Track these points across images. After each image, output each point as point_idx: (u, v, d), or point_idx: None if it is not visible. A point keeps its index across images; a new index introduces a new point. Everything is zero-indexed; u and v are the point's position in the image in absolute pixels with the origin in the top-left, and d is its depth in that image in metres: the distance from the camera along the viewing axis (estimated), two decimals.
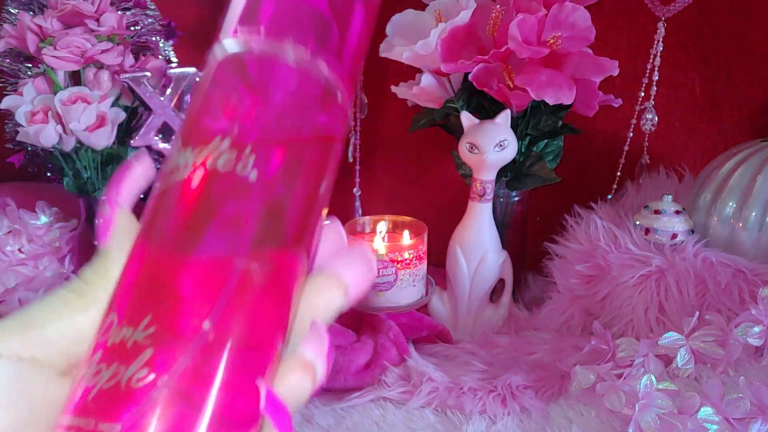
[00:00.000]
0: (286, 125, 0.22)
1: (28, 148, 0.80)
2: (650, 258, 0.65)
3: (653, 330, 0.64)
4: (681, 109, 0.83)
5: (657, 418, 0.49)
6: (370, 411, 0.58)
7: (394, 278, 0.67)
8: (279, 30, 0.23)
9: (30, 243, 0.82)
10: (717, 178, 0.69)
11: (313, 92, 0.23)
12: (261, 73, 0.23)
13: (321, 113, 0.23)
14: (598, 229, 0.70)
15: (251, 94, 0.22)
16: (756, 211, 0.66)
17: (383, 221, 0.73)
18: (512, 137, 0.69)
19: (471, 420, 0.56)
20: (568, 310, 0.72)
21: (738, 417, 0.49)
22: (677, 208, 0.68)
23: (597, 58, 0.68)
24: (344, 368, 0.61)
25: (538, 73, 0.66)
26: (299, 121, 0.23)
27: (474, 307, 0.76)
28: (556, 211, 0.78)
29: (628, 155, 0.86)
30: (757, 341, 0.55)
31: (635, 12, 0.81)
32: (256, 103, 0.22)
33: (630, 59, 0.82)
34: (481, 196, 0.72)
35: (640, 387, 0.51)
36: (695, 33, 0.80)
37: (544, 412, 0.56)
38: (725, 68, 0.79)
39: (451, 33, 0.68)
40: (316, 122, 0.23)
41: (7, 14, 0.78)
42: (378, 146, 1.00)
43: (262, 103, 0.22)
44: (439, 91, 0.77)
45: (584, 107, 0.73)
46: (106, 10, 0.74)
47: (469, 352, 0.68)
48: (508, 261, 0.76)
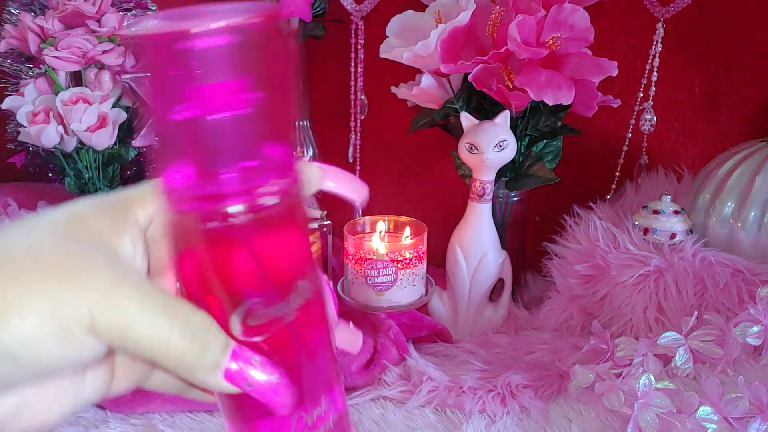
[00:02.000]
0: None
1: (30, 149, 0.80)
2: (649, 258, 0.65)
3: (652, 329, 0.64)
4: (680, 109, 0.83)
5: (656, 418, 0.50)
6: (370, 410, 0.58)
7: (394, 278, 0.68)
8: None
9: None
10: (716, 179, 0.69)
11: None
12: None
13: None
14: (597, 229, 0.70)
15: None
16: (755, 211, 0.66)
17: (383, 221, 0.73)
18: (511, 138, 0.69)
19: (470, 419, 0.56)
20: (567, 310, 0.72)
21: (737, 416, 0.49)
22: (676, 208, 0.69)
23: (596, 59, 0.68)
24: (344, 367, 0.61)
25: (537, 74, 0.66)
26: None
27: (473, 307, 0.76)
28: (555, 211, 0.78)
29: (627, 155, 0.86)
30: (755, 341, 0.55)
31: (634, 13, 0.81)
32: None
33: (629, 60, 0.82)
34: (480, 196, 0.72)
35: (639, 386, 0.51)
36: (694, 34, 0.80)
37: (543, 411, 0.56)
38: (724, 69, 0.79)
39: (451, 34, 0.68)
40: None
41: (8, 15, 0.78)
42: (378, 146, 1.00)
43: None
44: (438, 92, 0.78)
45: (583, 108, 0.73)
46: (107, 11, 0.74)
47: (468, 351, 0.68)
48: (507, 261, 0.76)
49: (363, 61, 0.94)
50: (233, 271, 0.24)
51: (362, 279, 0.68)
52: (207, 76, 0.22)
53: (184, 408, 0.58)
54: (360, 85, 0.95)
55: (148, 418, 0.58)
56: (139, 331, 0.22)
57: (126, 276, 0.23)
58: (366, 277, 0.68)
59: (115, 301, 0.22)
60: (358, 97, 0.95)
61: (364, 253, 0.68)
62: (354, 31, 0.93)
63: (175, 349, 0.23)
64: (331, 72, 1.00)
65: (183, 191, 0.23)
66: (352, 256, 0.69)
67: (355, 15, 0.92)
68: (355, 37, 0.93)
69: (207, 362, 0.23)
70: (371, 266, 0.67)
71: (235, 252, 0.24)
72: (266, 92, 0.23)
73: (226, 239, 0.24)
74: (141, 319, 0.22)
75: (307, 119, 0.96)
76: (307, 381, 0.26)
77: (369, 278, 0.68)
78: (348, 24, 0.93)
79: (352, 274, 0.69)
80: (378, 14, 0.91)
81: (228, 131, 0.22)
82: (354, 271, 0.69)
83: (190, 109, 0.22)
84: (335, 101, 1.01)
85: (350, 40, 0.93)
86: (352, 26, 0.93)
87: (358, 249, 0.68)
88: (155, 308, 0.23)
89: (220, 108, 0.22)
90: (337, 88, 0.99)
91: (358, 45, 0.93)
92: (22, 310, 0.22)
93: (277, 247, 0.25)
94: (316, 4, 0.88)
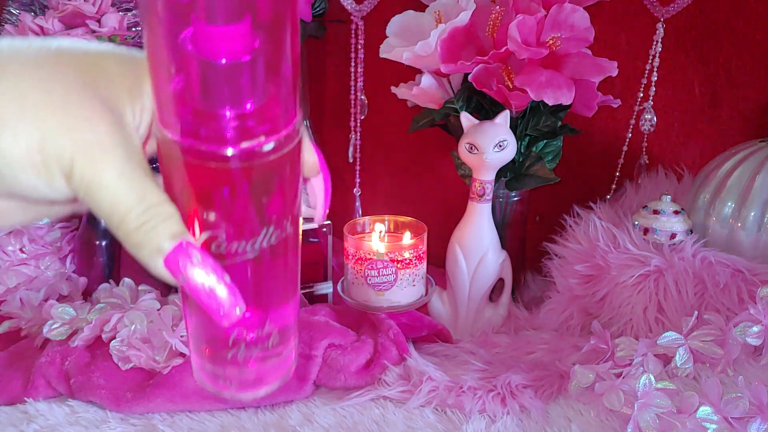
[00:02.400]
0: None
1: None
2: (649, 258, 0.65)
3: (652, 329, 0.64)
4: (680, 109, 0.83)
5: (656, 418, 0.50)
6: (370, 410, 0.58)
7: (394, 278, 0.68)
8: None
9: (31, 243, 0.82)
10: (716, 179, 0.69)
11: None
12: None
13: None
14: (597, 229, 0.70)
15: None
16: (755, 211, 0.66)
17: (383, 221, 0.73)
18: (511, 138, 0.69)
19: (470, 419, 0.56)
20: (568, 310, 0.72)
21: (737, 416, 0.49)
22: (676, 208, 0.69)
23: (596, 59, 0.68)
24: (344, 367, 0.61)
25: (537, 74, 0.66)
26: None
27: (473, 307, 0.76)
28: (555, 211, 0.78)
29: (627, 155, 0.86)
30: (755, 341, 0.55)
31: (634, 13, 0.81)
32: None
33: (629, 60, 0.82)
34: (480, 196, 0.72)
35: (639, 386, 0.51)
36: (694, 34, 0.80)
37: (543, 411, 0.56)
38: (724, 69, 0.79)
39: (451, 34, 0.68)
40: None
41: (8, 15, 0.78)
42: (378, 146, 1.00)
43: None
44: (438, 92, 0.78)
45: (583, 108, 0.73)
46: (107, 11, 0.74)
47: (468, 351, 0.68)
48: (507, 261, 0.76)
49: (363, 61, 0.94)
50: (208, 201, 0.25)
51: (362, 279, 0.68)
52: (211, 17, 0.22)
53: (184, 408, 0.58)
54: (360, 85, 0.95)
55: (148, 418, 0.58)
56: (106, 195, 0.23)
57: (119, 142, 0.24)
58: (366, 277, 0.68)
59: (98, 160, 0.23)
60: (358, 97, 0.95)
61: (364, 253, 0.68)
62: (354, 31, 0.93)
63: (129, 225, 0.24)
64: (331, 72, 1.00)
65: (179, 122, 0.24)
66: (352, 256, 0.69)
67: (355, 15, 0.92)
68: (355, 37, 0.93)
69: (152, 245, 0.24)
70: (371, 266, 0.67)
71: (215, 186, 0.25)
72: (267, 39, 0.23)
73: (211, 174, 0.24)
74: (111, 187, 0.23)
75: (307, 119, 0.96)
76: (255, 305, 0.27)
77: (369, 278, 0.68)
78: (348, 24, 0.93)
79: (352, 274, 0.69)
80: (378, 14, 0.91)
81: (229, 75, 0.23)
82: (354, 271, 0.69)
83: (191, 44, 0.22)
84: (335, 101, 1.01)
85: (350, 40, 0.93)
86: (352, 26, 0.93)
87: (358, 249, 0.68)
88: (129, 183, 0.24)
89: (220, 52, 0.22)
90: (337, 88, 0.99)
91: (358, 45, 0.93)
92: (17, 131, 0.23)
93: (259, 192, 0.25)
94: (316, 4, 0.88)
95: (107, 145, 0.24)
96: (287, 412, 0.58)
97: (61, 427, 0.56)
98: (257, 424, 0.57)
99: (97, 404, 0.59)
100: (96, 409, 0.59)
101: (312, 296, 0.81)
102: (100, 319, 0.64)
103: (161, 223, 0.24)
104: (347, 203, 1.00)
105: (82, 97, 0.24)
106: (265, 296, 0.28)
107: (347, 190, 1.00)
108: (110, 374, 0.60)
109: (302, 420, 0.57)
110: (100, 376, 0.60)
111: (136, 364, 0.61)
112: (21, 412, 0.58)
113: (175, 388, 0.58)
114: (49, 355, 0.62)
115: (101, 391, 0.58)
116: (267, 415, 0.58)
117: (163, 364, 0.60)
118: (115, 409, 0.58)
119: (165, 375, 0.59)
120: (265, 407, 0.59)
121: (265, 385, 0.30)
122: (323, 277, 0.81)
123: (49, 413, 0.58)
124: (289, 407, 0.59)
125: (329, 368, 0.62)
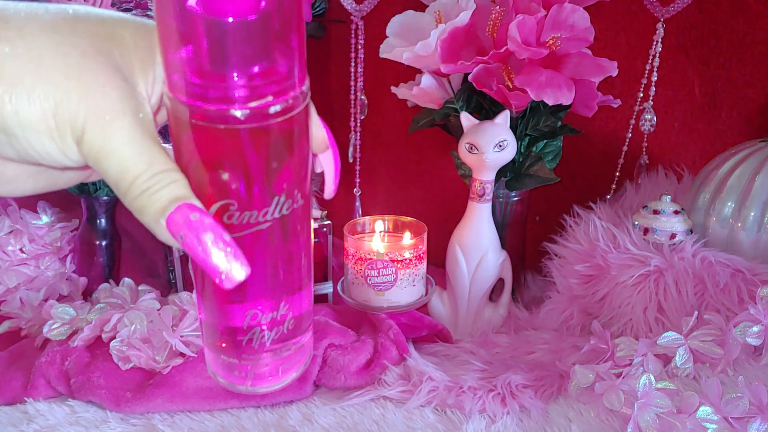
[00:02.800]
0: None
1: None
2: (649, 258, 0.65)
3: (652, 329, 0.64)
4: (680, 109, 0.83)
5: (656, 418, 0.50)
6: (370, 410, 0.58)
7: (394, 278, 0.68)
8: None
9: (31, 243, 0.82)
10: (716, 178, 0.69)
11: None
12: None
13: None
14: (597, 229, 0.70)
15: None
16: (755, 211, 0.66)
17: (383, 221, 0.73)
18: (511, 138, 0.69)
19: (470, 419, 0.56)
20: (568, 310, 0.72)
21: (737, 416, 0.49)
22: (676, 208, 0.69)
23: (596, 59, 0.68)
24: (344, 367, 0.61)
25: (537, 74, 0.66)
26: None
27: (473, 307, 0.76)
28: (555, 211, 0.78)
29: (627, 155, 0.86)
30: (755, 341, 0.55)
31: (634, 13, 0.81)
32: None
33: (629, 60, 0.82)
34: (480, 196, 0.72)
35: (639, 386, 0.51)
36: (694, 34, 0.80)
37: (543, 411, 0.56)
38: (724, 69, 0.79)
39: (451, 34, 0.68)
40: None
41: None
42: (378, 146, 1.00)
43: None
44: (438, 92, 0.78)
45: (583, 108, 0.73)
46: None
47: (468, 351, 0.68)
48: (507, 261, 0.76)
49: (363, 61, 0.94)
50: (219, 169, 0.25)
51: (362, 279, 0.68)
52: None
53: (184, 408, 0.58)
54: (360, 85, 0.95)
55: (148, 418, 0.58)
56: (114, 162, 0.24)
57: (129, 110, 0.24)
58: (366, 277, 0.68)
59: (107, 126, 0.24)
60: (358, 97, 0.95)
61: (364, 253, 0.68)
62: (354, 31, 0.93)
63: (135, 191, 0.24)
64: (331, 72, 1.00)
65: (188, 84, 0.24)
66: (352, 256, 0.69)
67: (355, 15, 0.92)
68: (355, 37, 0.93)
69: (155, 207, 0.24)
70: (371, 266, 0.67)
71: (224, 152, 0.25)
72: (274, 1, 0.23)
73: (220, 139, 0.25)
74: (120, 153, 0.24)
75: None
76: (268, 286, 0.27)
77: (369, 278, 0.68)
78: (348, 24, 0.93)
79: (352, 274, 0.69)
80: (378, 14, 0.91)
81: (236, 34, 0.23)
82: (354, 271, 0.69)
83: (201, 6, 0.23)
84: (335, 101, 1.01)
85: (350, 40, 0.93)
86: (352, 26, 0.93)
87: (358, 249, 0.68)
88: (138, 149, 0.24)
89: (227, 10, 0.23)
90: (337, 88, 0.99)
91: (358, 45, 0.93)
92: (33, 94, 0.23)
93: (268, 158, 0.26)
94: (316, 4, 0.88)
95: (118, 112, 0.24)
96: (287, 412, 0.58)
97: (61, 427, 0.56)
98: (257, 424, 0.57)
99: (97, 404, 0.59)
100: (96, 409, 0.59)
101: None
102: (100, 319, 0.64)
103: (165, 187, 0.24)
104: (347, 203, 1.00)
105: (98, 63, 0.24)
106: (278, 273, 0.28)
107: (347, 190, 1.00)
108: (110, 374, 0.60)
109: (302, 420, 0.57)
110: (100, 376, 0.60)
111: (136, 364, 0.61)
112: (21, 412, 0.58)
113: (175, 388, 0.58)
114: (49, 355, 0.62)
115: (101, 391, 0.58)
116: (267, 415, 0.58)
117: (163, 364, 0.60)
118: (115, 409, 0.58)
119: (165, 375, 0.59)
120: (265, 407, 0.59)
121: (280, 377, 0.29)
122: (323, 277, 0.81)
123: (49, 413, 0.58)
124: (289, 407, 0.59)
125: (329, 368, 0.62)
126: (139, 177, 0.24)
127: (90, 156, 0.24)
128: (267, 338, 0.28)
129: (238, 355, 0.28)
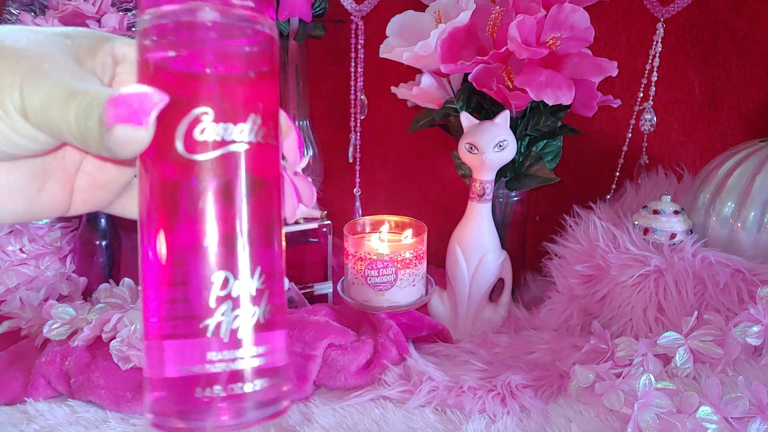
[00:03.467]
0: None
1: None
2: (649, 258, 0.65)
3: (652, 329, 0.64)
4: (680, 109, 0.83)
5: (656, 418, 0.50)
6: (370, 410, 0.58)
7: (394, 278, 0.68)
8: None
9: (31, 243, 0.82)
10: (716, 178, 0.69)
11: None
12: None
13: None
14: (597, 229, 0.70)
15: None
16: (755, 211, 0.66)
17: (383, 221, 0.73)
18: (511, 138, 0.69)
19: (471, 419, 0.56)
20: (567, 310, 0.72)
21: (737, 416, 0.49)
22: (676, 208, 0.69)
23: (596, 59, 0.68)
24: (344, 367, 0.61)
25: (537, 74, 0.66)
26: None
27: (473, 307, 0.76)
28: (555, 211, 0.78)
29: (627, 155, 0.86)
30: (755, 341, 0.55)
31: (634, 13, 0.81)
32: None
33: (629, 60, 0.82)
34: (480, 196, 0.72)
35: (639, 386, 0.51)
36: (694, 33, 0.80)
37: (543, 411, 0.56)
38: (724, 68, 0.79)
39: (451, 34, 0.68)
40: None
41: (8, 15, 0.78)
42: (378, 146, 1.00)
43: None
44: (438, 92, 0.78)
45: (583, 108, 0.73)
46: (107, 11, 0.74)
47: (468, 351, 0.68)
48: (507, 261, 0.76)
49: (363, 61, 0.94)
50: (191, 76, 0.25)
51: (362, 279, 0.68)
52: None
53: None
54: (360, 85, 0.95)
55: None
56: (54, 112, 0.24)
57: (61, 67, 0.25)
58: (366, 277, 0.68)
59: (39, 83, 0.24)
60: (358, 97, 0.95)
61: (364, 253, 0.68)
62: (354, 31, 0.93)
63: (73, 121, 0.24)
64: (331, 72, 1.00)
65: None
66: (352, 256, 0.69)
67: (355, 15, 0.92)
68: (355, 37, 0.93)
69: (92, 121, 0.23)
70: (371, 266, 0.67)
71: (196, 62, 0.25)
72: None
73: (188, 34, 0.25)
74: (56, 99, 0.24)
75: (307, 119, 0.96)
76: (241, 244, 0.26)
77: (369, 278, 0.68)
78: (348, 24, 0.93)
79: (352, 274, 0.69)
80: (378, 14, 0.91)
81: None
82: (354, 271, 0.69)
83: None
84: (335, 101, 1.01)
85: (350, 40, 0.93)
86: (352, 26, 0.93)
87: (358, 249, 0.68)
88: (72, 90, 0.24)
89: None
90: (337, 88, 0.99)
91: (358, 45, 0.93)
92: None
93: (242, 68, 0.26)
94: (316, 4, 0.88)
95: (49, 70, 0.24)
96: (287, 412, 0.58)
97: (61, 427, 0.56)
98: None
99: (97, 404, 0.59)
100: (96, 409, 0.59)
101: (312, 296, 0.81)
102: (100, 319, 0.64)
103: (91, 101, 0.24)
104: (347, 203, 1.00)
105: (38, 45, 0.25)
106: (250, 214, 0.26)
107: (347, 190, 1.00)
108: (110, 374, 0.60)
109: (302, 420, 0.57)
110: (100, 376, 0.60)
111: (136, 364, 0.61)
112: (21, 412, 0.58)
113: None
114: (49, 355, 0.62)
115: (101, 391, 0.58)
116: None
117: None
118: (115, 409, 0.58)
119: None
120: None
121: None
122: (323, 277, 0.81)
123: (49, 413, 0.58)
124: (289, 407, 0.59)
125: (329, 368, 0.62)
126: (72, 112, 0.24)
127: (37, 119, 0.24)
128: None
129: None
